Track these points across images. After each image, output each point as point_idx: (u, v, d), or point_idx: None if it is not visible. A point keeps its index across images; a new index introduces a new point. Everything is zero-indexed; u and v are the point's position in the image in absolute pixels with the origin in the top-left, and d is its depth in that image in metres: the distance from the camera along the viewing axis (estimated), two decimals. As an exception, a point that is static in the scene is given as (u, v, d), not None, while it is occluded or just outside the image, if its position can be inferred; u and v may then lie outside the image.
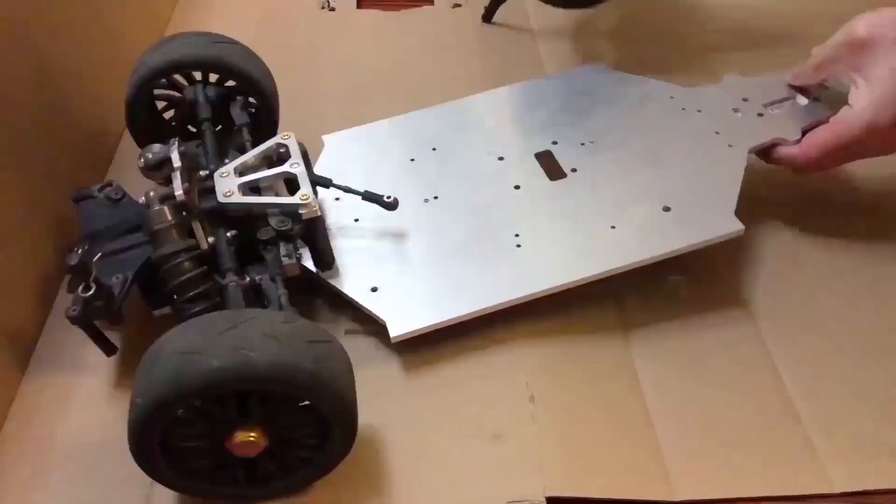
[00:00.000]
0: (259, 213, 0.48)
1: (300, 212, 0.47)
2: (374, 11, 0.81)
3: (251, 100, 0.59)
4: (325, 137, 0.60)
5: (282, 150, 0.51)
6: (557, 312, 0.52)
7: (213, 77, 0.59)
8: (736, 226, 0.51)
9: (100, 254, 0.46)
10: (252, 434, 0.40)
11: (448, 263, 0.51)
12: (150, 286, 0.47)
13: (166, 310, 0.47)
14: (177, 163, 0.47)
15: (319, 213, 0.47)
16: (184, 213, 0.46)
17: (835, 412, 0.48)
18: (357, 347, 0.49)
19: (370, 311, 0.49)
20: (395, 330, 0.48)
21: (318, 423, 0.41)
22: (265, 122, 0.61)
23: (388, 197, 0.51)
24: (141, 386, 0.38)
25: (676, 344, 0.52)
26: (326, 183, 0.51)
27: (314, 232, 0.48)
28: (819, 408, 0.48)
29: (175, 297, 0.45)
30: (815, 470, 0.45)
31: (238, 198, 0.48)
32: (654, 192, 0.54)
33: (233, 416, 0.40)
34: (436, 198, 0.55)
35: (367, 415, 0.44)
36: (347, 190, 0.52)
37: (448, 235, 0.53)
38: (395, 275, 0.51)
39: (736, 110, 0.59)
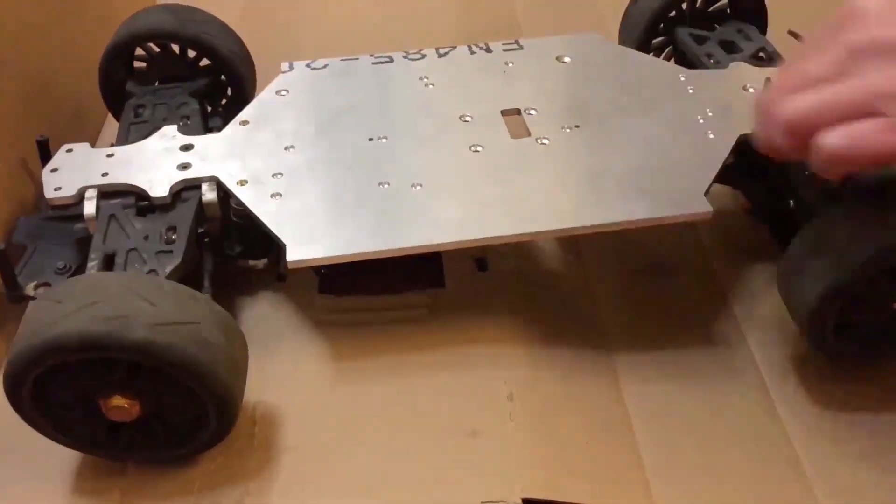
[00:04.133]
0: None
1: None
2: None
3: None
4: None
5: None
6: (540, 311, 0.50)
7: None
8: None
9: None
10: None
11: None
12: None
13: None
14: None
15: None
16: None
17: (823, 425, 0.45)
18: (334, 336, 0.49)
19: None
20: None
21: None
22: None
23: None
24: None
25: (661, 351, 0.49)
26: None
27: None
28: (805, 420, 0.45)
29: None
30: (799, 483, 0.43)
31: None
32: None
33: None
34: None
35: (338, 407, 0.45)
36: None
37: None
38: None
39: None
